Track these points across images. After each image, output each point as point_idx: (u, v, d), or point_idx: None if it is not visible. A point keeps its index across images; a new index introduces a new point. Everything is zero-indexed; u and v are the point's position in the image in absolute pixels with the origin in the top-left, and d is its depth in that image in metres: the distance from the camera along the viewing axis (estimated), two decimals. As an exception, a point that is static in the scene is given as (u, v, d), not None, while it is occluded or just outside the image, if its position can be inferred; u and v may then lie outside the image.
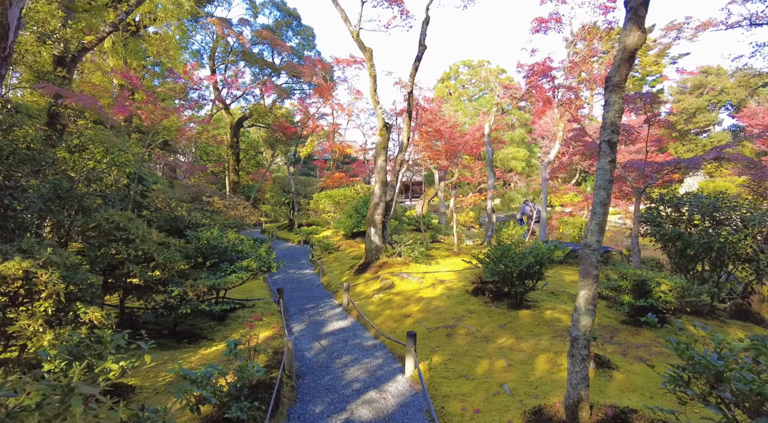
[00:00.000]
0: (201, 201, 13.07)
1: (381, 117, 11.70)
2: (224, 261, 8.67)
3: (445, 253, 14.68)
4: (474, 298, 9.03)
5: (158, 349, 7.16)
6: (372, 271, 11.79)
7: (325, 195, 24.12)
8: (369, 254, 12.23)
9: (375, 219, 12.13)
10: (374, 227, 12.15)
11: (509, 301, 8.62)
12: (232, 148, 35.98)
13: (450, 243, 20.93)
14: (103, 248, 6.91)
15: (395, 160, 12.96)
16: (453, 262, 13.21)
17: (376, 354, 6.92)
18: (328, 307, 9.82)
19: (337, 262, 14.75)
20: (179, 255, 7.79)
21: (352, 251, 16.51)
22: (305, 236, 20.98)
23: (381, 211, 12.11)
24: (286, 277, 13.33)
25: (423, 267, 12.25)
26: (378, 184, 12.08)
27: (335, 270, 13.30)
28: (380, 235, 12.23)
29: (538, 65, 16.99)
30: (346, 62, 24.34)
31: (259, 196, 36.97)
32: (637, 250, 9.50)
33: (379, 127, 11.86)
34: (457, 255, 14.48)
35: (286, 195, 26.58)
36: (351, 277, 11.90)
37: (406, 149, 12.74)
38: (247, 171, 41.69)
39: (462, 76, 39.58)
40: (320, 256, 16.21)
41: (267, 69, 32.17)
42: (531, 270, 7.95)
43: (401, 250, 12.44)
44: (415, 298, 9.54)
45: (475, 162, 27.67)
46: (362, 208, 21.31)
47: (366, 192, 25.11)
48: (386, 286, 10.44)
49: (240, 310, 8.84)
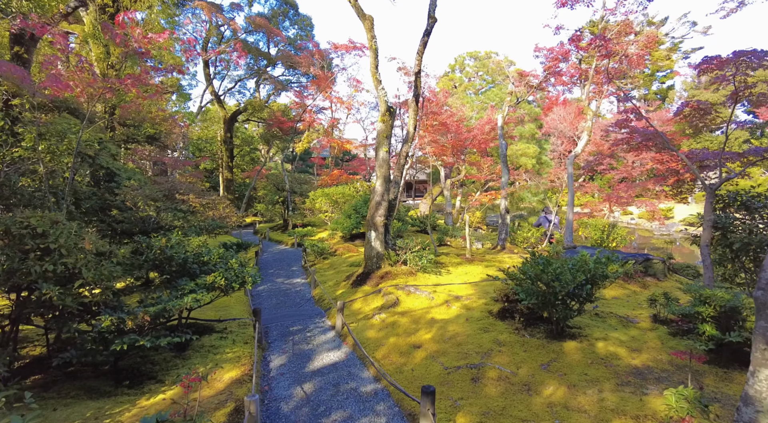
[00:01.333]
0: (174, 199, 11.25)
1: (383, 99, 9.85)
2: (185, 275, 6.84)
3: (456, 260, 12.83)
4: (500, 323, 7.18)
5: (85, 397, 5.34)
6: (372, 283, 9.95)
7: (322, 193, 22.27)
8: (369, 262, 10.40)
9: (376, 221, 10.29)
10: (375, 231, 10.31)
11: (546, 327, 6.77)
12: (225, 143, 34.15)
13: (458, 246, 19.08)
14: (7, 263, 5.09)
15: (400, 153, 11.12)
16: (466, 270, 11.37)
17: (377, 408, 5.08)
18: (319, 331, 7.98)
19: (332, 270, 12.91)
20: (121, 269, 5.96)
21: (349, 256, 14.67)
22: (299, 238, 19.16)
23: (383, 211, 10.27)
24: (273, 288, 11.50)
25: (432, 278, 10.41)
26: (380, 180, 10.23)
27: (330, 279, 11.46)
28: (382, 241, 10.39)
29: (560, 47, 15.11)
30: (344, 48, 22.47)
31: (254, 194, 35.18)
32: (709, 264, 7.63)
33: (381, 111, 10.01)
34: (470, 262, 12.64)
35: (280, 193, 24.75)
36: (348, 290, 10.06)
37: (413, 140, 10.89)
38: (241, 168, 39.87)
39: (468, 68, 37.64)
40: (314, 262, 14.37)
41: (262, 60, 30.30)
42: (579, 290, 6.10)
43: (407, 258, 10.59)
44: (426, 320, 7.70)
45: (483, 158, 25.80)
46: (362, 208, 19.47)
47: (366, 190, 23.27)
48: (389, 303, 8.60)
49: (205, 338, 7.00)
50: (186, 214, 11.34)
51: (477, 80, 37.48)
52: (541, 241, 18.50)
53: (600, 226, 18.09)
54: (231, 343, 6.97)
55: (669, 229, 35.48)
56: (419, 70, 10.71)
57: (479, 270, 11.39)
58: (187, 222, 10.37)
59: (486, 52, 36.45)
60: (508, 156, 32.03)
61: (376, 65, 9.95)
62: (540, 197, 30.26)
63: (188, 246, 7.25)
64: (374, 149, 9.51)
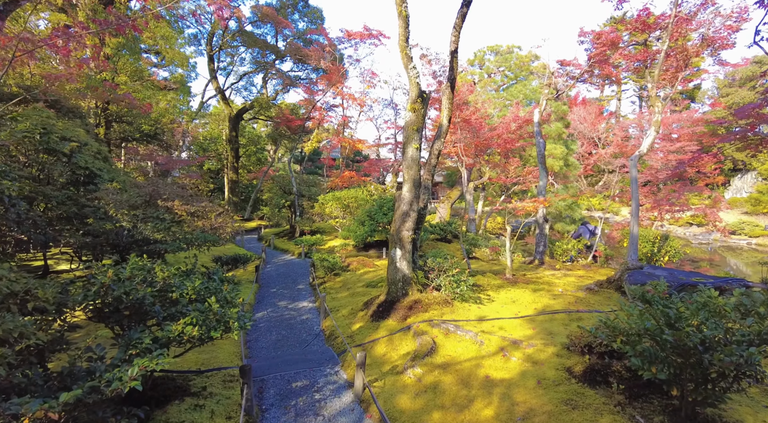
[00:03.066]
0: (157, 206, 9.28)
1: (415, 81, 7.75)
2: (142, 321, 4.79)
3: (495, 280, 10.67)
4: (590, 392, 5.01)
5: None
6: (399, 316, 7.83)
7: (332, 197, 20.24)
8: (393, 288, 8.29)
9: (403, 236, 8.19)
10: (401, 248, 8.20)
11: (665, 402, 4.60)
12: (230, 143, 32.37)
13: (486, 257, 16.88)
14: None
15: (431, 151, 9.00)
16: (512, 297, 9.22)
17: None
18: (331, 391, 5.89)
19: (345, 291, 10.82)
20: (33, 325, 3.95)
21: (365, 273, 12.59)
22: (307, 247, 17.12)
23: (411, 224, 8.16)
24: (274, 315, 9.44)
25: (473, 308, 8.27)
26: (407, 185, 8.12)
27: (343, 306, 9.36)
28: (410, 261, 8.28)
29: (612, 29, 12.87)
30: (359, 36, 20.43)
31: (260, 196, 33.34)
32: None
33: (411, 98, 7.90)
34: (513, 283, 10.47)
35: (287, 196, 22.76)
36: (367, 324, 7.96)
37: (446, 135, 8.78)
38: (247, 169, 38.10)
39: (488, 63, 35.36)
40: (324, 279, 12.31)
41: (270, 54, 28.43)
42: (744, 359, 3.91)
43: (440, 282, 8.46)
44: (479, 380, 5.57)
45: (509, 159, 23.56)
46: (377, 214, 17.40)
47: (381, 193, 21.19)
48: (425, 348, 6.48)
49: (173, 409, 4.94)
50: (170, 224, 9.35)
51: (498, 76, 35.19)
52: (582, 255, 16.24)
53: (650, 238, 15.75)
54: (209, 417, 4.91)
55: (706, 237, 32.79)
56: (456, 47, 8.58)
57: (528, 296, 9.23)
58: (170, 234, 8.35)
59: (508, 46, 34.14)
60: (533, 157, 29.72)
61: (406, 38, 7.85)
62: (568, 203, 27.90)
63: (155, 275, 5.21)
64: (400, 144, 7.38)
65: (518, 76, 33.76)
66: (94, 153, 12.52)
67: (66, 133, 11.60)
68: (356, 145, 29.54)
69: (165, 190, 9.29)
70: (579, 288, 10.27)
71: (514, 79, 34.33)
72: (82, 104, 18.46)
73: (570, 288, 10.37)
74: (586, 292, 9.78)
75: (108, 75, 18.19)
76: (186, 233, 8.81)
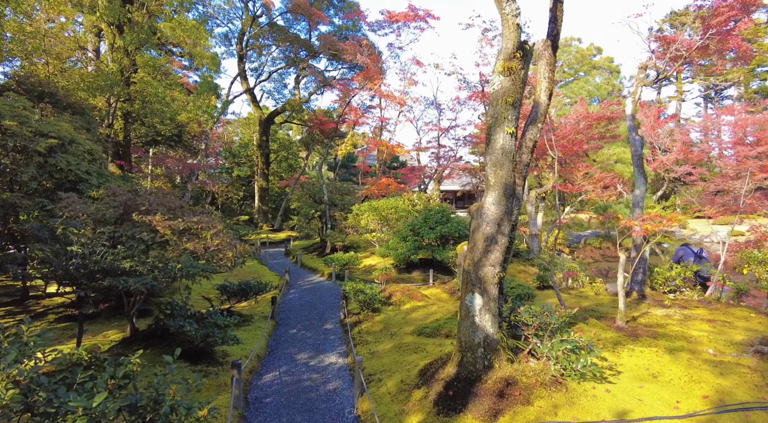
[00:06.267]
0: (134, 223, 6.75)
1: (513, 22, 4.64)
2: None
3: (606, 332, 7.40)
4: None
5: None
6: (482, 409, 4.77)
7: (368, 207, 17.45)
8: (470, 356, 5.24)
9: (485, 274, 5.16)
10: (482, 293, 5.17)
11: None
12: (260, 148, 30.46)
13: (558, 283, 13.43)
14: None
15: (522, 142, 5.91)
16: (646, 363, 5.97)
17: None
18: None
19: (389, 339, 7.85)
20: None
21: (412, 309, 9.58)
22: (339, 267, 14.35)
23: (499, 256, 5.12)
24: (288, 380, 6.60)
25: (600, 392, 5.09)
26: (494, 193, 5.10)
27: (388, 371, 6.38)
28: (495, 313, 5.23)
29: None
30: (402, 18, 17.63)
31: (290, 205, 31.16)
32: None
33: (504, 51, 4.84)
34: (634, 338, 7.13)
35: (316, 206, 20.19)
36: (429, 418, 4.92)
37: (544, 118, 5.73)
38: (279, 175, 36.15)
39: (542, 58, 31.74)
40: (359, 316, 9.41)
41: (302, 50, 26.32)
42: None
43: (550, 352, 5.33)
44: None
45: (576, 164, 19.97)
46: (421, 228, 14.41)
47: (425, 203, 18.18)
48: None
49: None
50: (150, 247, 6.79)
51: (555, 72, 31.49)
52: (689, 285, 12.47)
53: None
54: None
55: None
56: (565, -15, 5.53)
57: (671, 364, 5.95)
58: (142, 263, 5.74)
59: (565, 38, 30.51)
60: (599, 162, 25.83)
61: (501, -50, 4.92)
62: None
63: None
64: (484, 126, 4.16)
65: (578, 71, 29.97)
66: (83, 153, 10.33)
67: (44, 127, 9.43)
68: (395, 149, 26.74)
69: (144, 200, 6.73)
70: (734, 345, 6.86)
71: (573, 76, 30.53)
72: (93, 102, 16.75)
73: (721, 346, 6.94)
74: (757, 358, 6.36)
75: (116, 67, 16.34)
76: (168, 260, 6.15)
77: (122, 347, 7.25)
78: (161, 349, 7.24)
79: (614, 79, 31.12)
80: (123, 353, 7.18)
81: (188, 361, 6.78)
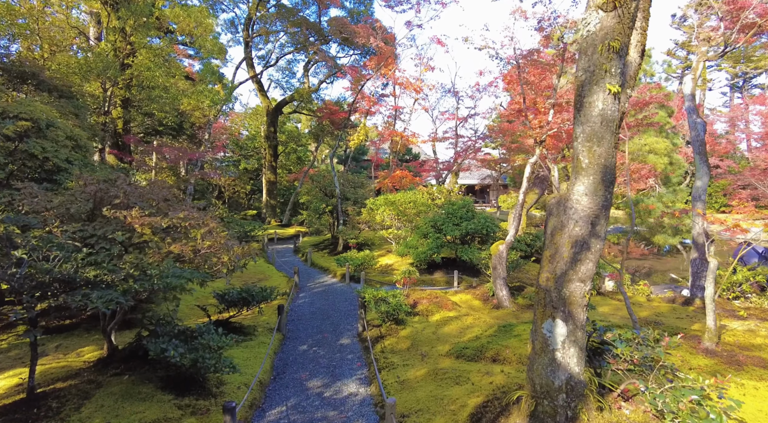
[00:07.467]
0: (106, 220, 5.41)
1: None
2: None
3: (695, 358, 5.88)
4: None
5: None
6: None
7: (384, 201, 15.99)
8: (548, 405, 3.80)
9: (570, 293, 3.69)
10: (565, 318, 3.71)
11: None
12: (268, 139, 29.10)
13: (604, 289, 11.87)
14: None
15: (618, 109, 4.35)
16: (764, 405, 4.45)
17: None
18: None
19: (420, 363, 6.41)
20: None
21: (444, 321, 8.13)
22: (353, 267, 12.94)
23: (592, 266, 3.66)
24: (296, 419, 5.21)
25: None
26: (588, 178, 3.63)
27: (426, 411, 4.95)
28: (581, 347, 3.77)
29: None
30: (423, -10, 16.01)
31: (299, 199, 29.84)
32: None
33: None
34: (736, 366, 5.61)
35: (327, 200, 18.78)
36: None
37: (636, 74, 4.17)
38: (287, 168, 34.81)
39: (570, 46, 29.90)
40: (380, 328, 7.99)
41: (312, 35, 24.83)
42: None
43: (651, 396, 3.84)
44: None
45: (611, 154, 18.20)
46: (445, 225, 12.95)
47: (446, 196, 16.67)
48: None
49: None
50: (126, 248, 5.44)
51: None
52: (755, 290, 10.85)
53: None
54: None
55: None
56: None
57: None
58: (112, 272, 4.39)
59: (591, 20, 28.57)
60: (631, 153, 23.96)
61: None
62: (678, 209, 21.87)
63: None
64: (574, 86, 2.50)
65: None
66: (63, 139, 9.02)
67: (14, 108, 8.13)
68: (409, 139, 25.19)
69: (118, 192, 5.35)
70: None
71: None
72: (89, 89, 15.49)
73: None
74: None
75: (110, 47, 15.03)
76: (147, 267, 4.80)
77: (96, 371, 5.94)
78: (142, 373, 5.92)
79: (644, 64, 28.91)
80: (94, 380, 5.87)
81: (173, 392, 5.45)
